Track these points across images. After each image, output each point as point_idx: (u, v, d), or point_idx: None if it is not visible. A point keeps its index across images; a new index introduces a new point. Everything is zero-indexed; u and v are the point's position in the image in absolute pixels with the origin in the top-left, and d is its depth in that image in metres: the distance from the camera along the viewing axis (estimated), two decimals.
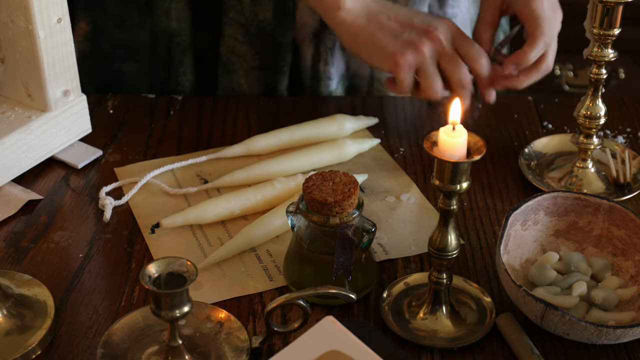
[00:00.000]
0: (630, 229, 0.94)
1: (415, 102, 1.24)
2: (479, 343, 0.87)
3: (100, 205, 1.03)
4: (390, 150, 1.14)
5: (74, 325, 0.89)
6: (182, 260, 0.78)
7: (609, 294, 0.89)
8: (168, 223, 0.99)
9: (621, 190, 1.07)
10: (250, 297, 0.92)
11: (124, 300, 0.92)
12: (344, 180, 0.89)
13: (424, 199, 1.06)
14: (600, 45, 1.01)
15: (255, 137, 1.11)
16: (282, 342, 0.87)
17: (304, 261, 0.91)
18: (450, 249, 0.85)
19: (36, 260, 0.96)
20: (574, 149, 1.10)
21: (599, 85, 1.04)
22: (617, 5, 0.98)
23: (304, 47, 1.24)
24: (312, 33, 1.22)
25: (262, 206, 1.02)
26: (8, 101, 1.10)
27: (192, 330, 0.86)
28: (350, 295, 0.84)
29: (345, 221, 0.87)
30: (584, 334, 0.83)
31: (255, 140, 1.11)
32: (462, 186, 0.81)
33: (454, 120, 0.81)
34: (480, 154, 0.80)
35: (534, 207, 0.95)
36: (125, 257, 0.97)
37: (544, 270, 0.91)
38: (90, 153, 1.12)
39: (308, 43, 1.23)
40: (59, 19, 1.04)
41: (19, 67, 1.06)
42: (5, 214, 1.02)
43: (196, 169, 1.10)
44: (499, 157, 1.13)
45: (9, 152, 1.04)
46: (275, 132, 1.12)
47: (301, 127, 1.12)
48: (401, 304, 0.90)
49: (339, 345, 0.75)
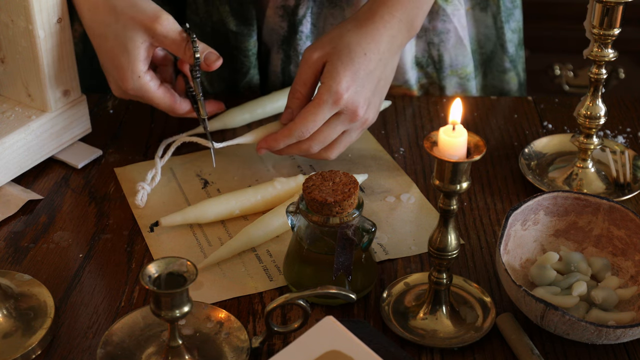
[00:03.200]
0: (630, 229, 0.94)
1: (415, 102, 1.24)
2: (479, 343, 0.87)
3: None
4: (390, 150, 1.14)
5: (74, 325, 0.89)
6: (182, 260, 0.78)
7: (609, 294, 0.89)
8: (167, 222, 0.99)
9: (621, 190, 1.07)
10: (250, 297, 0.92)
11: (124, 300, 0.92)
12: (344, 180, 0.89)
13: (424, 199, 1.06)
14: (600, 45, 1.01)
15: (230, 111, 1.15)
16: (282, 342, 0.87)
17: (304, 261, 0.91)
18: (450, 249, 0.85)
19: (36, 260, 0.96)
20: (574, 149, 1.10)
21: (599, 85, 1.04)
22: (617, 5, 0.98)
23: (273, 52, 1.24)
24: (280, 40, 1.22)
25: (262, 206, 1.02)
26: (8, 101, 1.10)
27: (192, 330, 0.86)
28: (350, 295, 0.84)
29: (345, 221, 0.87)
30: (584, 334, 0.83)
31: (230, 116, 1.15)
32: (462, 186, 0.81)
33: (454, 120, 0.81)
34: (480, 154, 0.80)
35: (534, 207, 0.95)
36: (125, 257, 0.97)
37: (544, 270, 0.91)
38: (90, 153, 1.12)
39: (277, 49, 1.23)
40: (59, 19, 1.04)
41: (19, 67, 1.06)
42: (5, 214, 1.02)
43: (196, 169, 1.10)
44: (499, 157, 1.13)
45: (9, 152, 1.04)
46: (247, 105, 1.16)
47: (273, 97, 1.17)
48: (401, 304, 0.91)
49: (339, 345, 0.75)
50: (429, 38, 1.24)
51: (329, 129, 1.03)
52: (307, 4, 1.19)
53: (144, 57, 1.02)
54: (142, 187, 1.05)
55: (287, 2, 1.18)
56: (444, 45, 1.25)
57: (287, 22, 1.20)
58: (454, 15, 1.23)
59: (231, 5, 1.18)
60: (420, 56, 1.26)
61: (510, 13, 1.27)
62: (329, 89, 1.00)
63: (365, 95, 1.02)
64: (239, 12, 1.18)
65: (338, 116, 1.02)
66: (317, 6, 1.20)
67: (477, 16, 1.26)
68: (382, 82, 1.05)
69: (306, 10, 1.19)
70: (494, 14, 1.26)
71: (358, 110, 1.02)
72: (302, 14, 1.19)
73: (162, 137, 1.16)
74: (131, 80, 1.02)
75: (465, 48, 1.26)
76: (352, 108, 1.01)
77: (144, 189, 1.05)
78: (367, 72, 1.02)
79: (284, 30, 1.21)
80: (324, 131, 1.03)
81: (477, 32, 1.27)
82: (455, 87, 1.29)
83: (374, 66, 1.02)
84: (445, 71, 1.27)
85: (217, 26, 1.21)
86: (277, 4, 1.19)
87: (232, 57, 1.21)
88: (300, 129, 1.01)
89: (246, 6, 1.18)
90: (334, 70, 1.01)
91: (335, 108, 1.01)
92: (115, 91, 1.07)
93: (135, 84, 1.03)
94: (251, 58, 1.22)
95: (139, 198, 1.04)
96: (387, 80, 1.06)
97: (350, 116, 1.02)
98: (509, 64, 1.30)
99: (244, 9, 1.18)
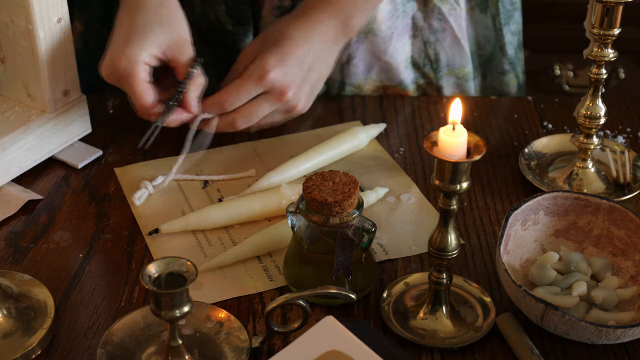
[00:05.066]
0: (630, 229, 0.93)
1: (415, 102, 1.24)
2: (479, 343, 0.87)
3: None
4: (390, 150, 1.14)
5: (74, 325, 0.89)
6: (182, 260, 0.78)
7: (609, 294, 0.89)
8: (167, 229, 0.99)
9: (621, 190, 1.07)
10: (250, 297, 0.92)
11: (124, 300, 0.92)
12: (344, 180, 0.89)
13: (424, 199, 1.06)
14: (600, 45, 1.01)
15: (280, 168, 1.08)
16: (282, 342, 0.87)
17: (304, 261, 0.91)
18: (450, 249, 0.85)
19: (36, 260, 0.96)
20: (574, 149, 1.10)
21: (599, 85, 1.04)
22: (617, 5, 0.98)
23: None
24: None
25: (262, 215, 1.02)
26: (8, 101, 1.10)
27: (192, 330, 0.86)
28: (350, 295, 0.84)
29: (345, 221, 0.87)
30: (584, 334, 0.83)
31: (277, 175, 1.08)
32: (462, 186, 0.81)
33: (454, 120, 0.81)
34: (480, 154, 0.80)
35: (534, 207, 0.95)
36: (125, 257, 0.97)
37: (544, 270, 0.91)
38: (90, 153, 1.12)
39: None
40: (59, 18, 1.04)
41: (19, 67, 1.06)
42: (5, 214, 1.02)
43: (196, 169, 1.10)
44: (499, 157, 1.13)
45: (9, 152, 1.04)
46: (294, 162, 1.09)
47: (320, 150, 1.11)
48: (401, 304, 0.91)
49: (339, 345, 0.75)
50: (425, 37, 1.24)
51: (254, 106, 1.05)
52: None
53: (152, 52, 1.03)
54: (145, 187, 1.05)
55: (283, 2, 1.19)
56: (440, 44, 1.25)
57: None
58: (450, 14, 1.23)
59: (227, 5, 1.18)
60: (417, 56, 1.26)
61: (510, 15, 1.27)
62: (256, 66, 1.03)
63: (293, 79, 1.05)
64: (234, 12, 1.19)
65: (265, 96, 1.04)
66: None
67: (476, 17, 1.26)
68: (314, 74, 1.07)
69: None
70: (493, 15, 1.26)
71: (286, 91, 1.04)
72: None
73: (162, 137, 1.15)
74: (128, 60, 1.02)
75: (462, 48, 1.26)
76: (279, 88, 1.04)
77: (147, 189, 1.04)
78: (296, 57, 1.05)
79: None
80: (249, 107, 1.05)
81: (477, 34, 1.27)
82: (452, 87, 1.29)
83: (303, 53, 1.05)
84: (442, 70, 1.27)
85: (213, 25, 1.21)
86: (274, 4, 1.19)
87: (228, 56, 1.21)
88: (225, 99, 1.04)
89: (242, 6, 1.18)
90: (261, 52, 1.04)
91: (261, 85, 1.03)
92: (104, 68, 1.05)
93: (129, 65, 1.03)
94: None
95: (138, 196, 1.03)
96: (321, 74, 1.09)
97: (277, 96, 1.04)
98: (508, 65, 1.30)
99: (239, 8, 1.18)
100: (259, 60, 1.04)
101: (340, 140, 1.11)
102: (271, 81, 1.03)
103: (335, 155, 1.11)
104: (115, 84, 1.06)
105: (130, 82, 1.03)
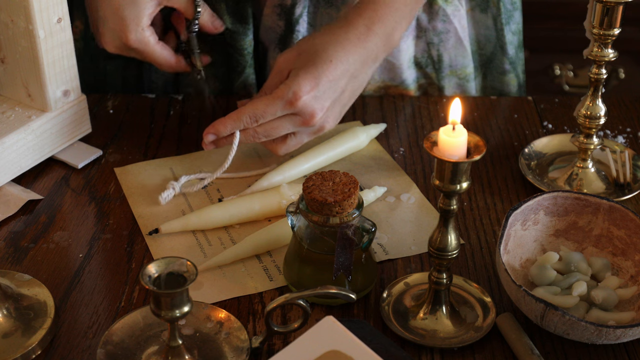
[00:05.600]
0: (630, 229, 0.93)
1: (415, 102, 1.24)
2: (479, 343, 0.87)
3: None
4: (390, 150, 1.14)
5: (74, 325, 0.89)
6: (182, 260, 0.78)
7: (609, 294, 0.89)
8: (167, 229, 0.99)
9: (621, 190, 1.07)
10: (250, 297, 0.92)
11: (124, 300, 0.92)
12: (344, 180, 0.89)
13: (424, 199, 1.06)
14: (600, 45, 1.01)
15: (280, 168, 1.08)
16: (282, 342, 0.87)
17: (304, 261, 0.91)
18: (450, 249, 0.85)
19: (36, 260, 0.96)
20: (574, 149, 1.10)
21: (599, 85, 1.04)
22: (617, 5, 0.98)
23: (270, 51, 1.24)
24: (277, 39, 1.22)
25: (262, 215, 1.02)
26: (8, 101, 1.10)
27: (192, 330, 0.86)
28: (350, 295, 0.84)
29: (345, 221, 0.87)
30: (584, 334, 0.83)
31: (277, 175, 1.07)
32: (462, 186, 0.81)
33: (454, 120, 0.81)
34: (480, 154, 0.80)
35: (534, 207, 0.95)
36: (125, 257, 0.97)
37: (544, 270, 0.91)
38: (90, 153, 1.12)
39: (274, 48, 1.23)
40: (59, 19, 1.04)
41: (19, 67, 1.06)
42: (5, 214, 1.02)
43: (196, 169, 1.10)
44: (499, 157, 1.13)
45: (9, 152, 1.04)
46: (294, 162, 1.08)
47: (320, 150, 1.11)
48: (401, 304, 0.91)
49: (339, 345, 0.75)
50: (429, 38, 1.24)
51: (277, 124, 1.03)
52: (303, 3, 1.19)
53: (150, 12, 1.05)
54: (172, 187, 1.05)
55: (284, 1, 1.18)
56: (444, 45, 1.25)
57: (284, 21, 1.20)
58: (454, 15, 1.23)
59: (227, 3, 1.18)
60: (420, 56, 1.26)
61: (511, 15, 1.27)
62: (289, 88, 1.01)
63: (324, 103, 1.02)
64: (235, 10, 1.18)
65: (292, 117, 1.03)
66: (313, 5, 1.20)
67: (477, 17, 1.26)
68: (346, 94, 1.06)
69: (302, 10, 1.19)
70: (494, 15, 1.26)
71: (314, 117, 1.02)
72: (298, 13, 1.19)
73: (162, 137, 1.16)
74: (134, 32, 1.05)
75: (465, 49, 1.26)
76: (308, 113, 1.02)
77: (174, 190, 1.04)
78: (330, 80, 1.02)
79: (281, 29, 1.21)
80: (272, 124, 1.03)
81: (477, 34, 1.27)
82: (454, 87, 1.28)
83: (338, 75, 1.03)
84: (445, 71, 1.27)
85: None
86: (274, 2, 1.19)
87: (228, 55, 1.21)
88: (249, 115, 1.02)
89: (242, 4, 1.18)
90: (296, 73, 1.02)
91: (290, 108, 1.01)
92: (108, 44, 1.08)
93: (138, 35, 1.05)
94: (247, 57, 1.22)
95: (164, 196, 1.03)
96: (354, 92, 1.07)
97: (304, 121, 1.03)
98: (509, 65, 1.30)
99: (240, 7, 1.18)
100: (293, 81, 1.01)
101: (341, 140, 1.11)
102: (301, 106, 1.01)
103: (335, 155, 1.11)
104: (124, 54, 1.10)
105: (147, 51, 1.07)
